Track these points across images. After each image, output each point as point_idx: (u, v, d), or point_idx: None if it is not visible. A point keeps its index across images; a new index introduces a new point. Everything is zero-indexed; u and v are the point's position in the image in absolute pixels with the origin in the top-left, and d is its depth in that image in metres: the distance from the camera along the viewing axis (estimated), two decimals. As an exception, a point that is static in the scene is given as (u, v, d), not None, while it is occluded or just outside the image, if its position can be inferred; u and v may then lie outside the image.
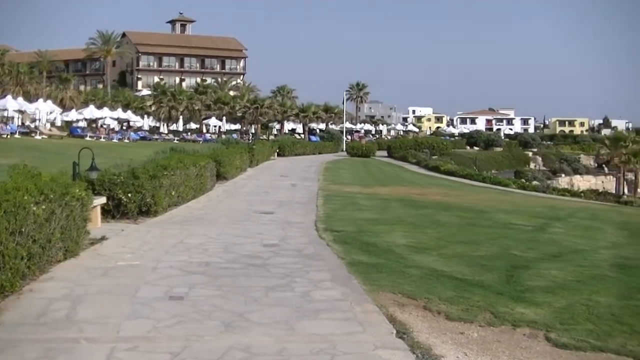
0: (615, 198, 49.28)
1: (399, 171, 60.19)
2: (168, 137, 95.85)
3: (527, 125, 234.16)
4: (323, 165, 57.84)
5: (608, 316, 11.92)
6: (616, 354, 10.01)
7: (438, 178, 53.99)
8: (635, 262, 18.12)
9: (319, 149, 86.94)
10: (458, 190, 42.01)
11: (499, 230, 22.98)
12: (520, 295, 12.96)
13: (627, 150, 60.62)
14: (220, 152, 36.99)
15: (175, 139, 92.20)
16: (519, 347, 10.01)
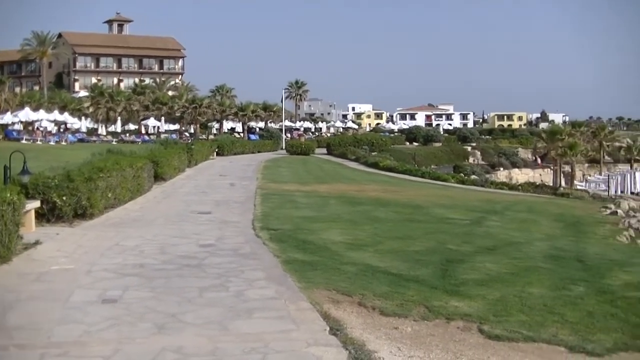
0: (552, 190, 49.83)
1: (338, 168, 60.32)
2: (106, 139, 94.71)
3: (466, 120, 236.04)
4: (262, 164, 57.74)
5: (540, 307, 12.10)
6: (547, 344, 10.15)
7: (377, 174, 54.18)
8: (569, 253, 18.40)
9: (258, 147, 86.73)
10: (397, 186, 42.21)
11: (436, 225, 23.16)
12: (455, 288, 13.08)
13: (563, 143, 61.45)
14: (158, 153, 36.67)
15: (113, 140, 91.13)
16: (452, 340, 10.10)
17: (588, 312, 11.89)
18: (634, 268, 16.50)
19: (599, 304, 12.53)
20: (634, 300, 12.98)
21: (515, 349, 9.90)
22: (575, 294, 13.27)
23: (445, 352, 9.54)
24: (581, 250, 19.35)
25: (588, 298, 12.96)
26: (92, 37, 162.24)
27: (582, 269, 16.05)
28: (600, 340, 10.43)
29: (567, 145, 60.45)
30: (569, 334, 10.63)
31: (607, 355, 9.87)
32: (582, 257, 17.73)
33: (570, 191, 49.55)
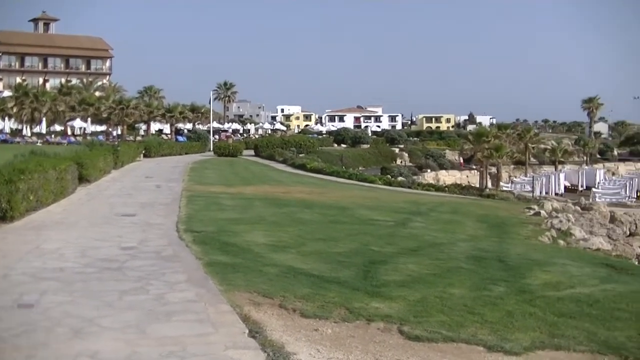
0: (478, 192, 50.31)
1: (266, 170, 60.21)
2: (31, 140, 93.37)
3: (394, 122, 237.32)
4: (189, 166, 57.35)
5: (461, 307, 12.22)
6: (467, 344, 10.25)
7: (304, 176, 54.21)
8: (491, 254, 18.61)
9: (185, 149, 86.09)
10: (323, 187, 42.26)
11: (360, 226, 23.25)
12: (376, 290, 13.14)
13: (489, 145, 62.10)
14: (83, 155, 36.14)
15: (38, 141, 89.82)
16: (372, 342, 10.13)
17: (507, 312, 12.04)
18: (554, 268, 16.75)
19: (518, 304, 12.70)
20: (552, 300, 13.19)
21: (435, 349, 9.96)
22: (495, 294, 13.43)
23: (365, 354, 9.56)
24: (503, 250, 19.57)
25: (508, 298, 13.13)
26: (16, 36, 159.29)
27: (503, 269, 16.23)
28: (519, 339, 10.56)
29: (493, 147, 61.15)
30: (488, 333, 10.75)
31: (525, 353, 10.00)
32: (504, 258, 17.93)
33: (496, 192, 50.09)
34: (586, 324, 11.59)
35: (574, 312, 12.27)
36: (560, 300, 13.13)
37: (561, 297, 13.41)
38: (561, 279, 15.36)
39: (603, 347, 10.40)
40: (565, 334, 10.90)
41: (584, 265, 17.89)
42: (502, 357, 9.82)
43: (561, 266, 17.16)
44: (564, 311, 12.31)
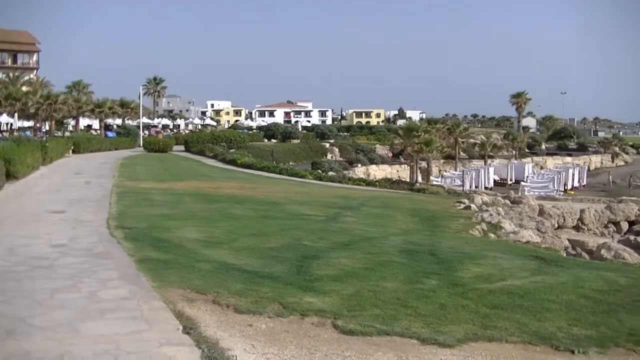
0: (408, 186, 50.53)
1: (196, 165, 59.81)
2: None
3: (325, 117, 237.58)
4: (119, 162, 56.78)
5: (394, 300, 12.29)
6: (400, 337, 10.31)
7: (235, 171, 53.98)
8: (423, 248, 18.72)
9: (115, 145, 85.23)
10: (254, 183, 42.15)
11: (292, 221, 23.25)
12: (309, 284, 13.15)
13: (419, 140, 62.36)
14: (10, 151, 35.55)
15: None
16: (306, 336, 10.13)
17: (440, 305, 12.14)
18: (485, 260, 16.91)
19: (450, 297, 12.81)
20: (484, 292, 13.32)
21: (369, 342, 10.00)
22: (428, 287, 13.53)
23: (299, 348, 9.56)
24: (435, 244, 19.71)
25: (440, 291, 13.24)
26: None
27: (435, 262, 16.35)
28: (452, 331, 10.66)
29: (423, 142, 61.38)
30: (421, 326, 10.83)
31: (458, 345, 10.09)
32: (436, 251, 18.06)
33: (427, 186, 50.32)
34: (518, 315, 11.74)
35: (506, 304, 12.42)
36: (492, 293, 13.27)
37: (493, 290, 13.55)
38: (492, 271, 15.52)
39: (534, 338, 10.55)
40: (498, 326, 11.03)
41: (514, 257, 18.10)
42: (435, 349, 9.90)
43: (492, 259, 17.34)
44: (496, 303, 12.45)
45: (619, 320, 11.89)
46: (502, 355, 9.87)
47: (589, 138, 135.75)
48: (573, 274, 15.86)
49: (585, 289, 14.11)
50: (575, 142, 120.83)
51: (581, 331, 11.11)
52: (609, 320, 11.82)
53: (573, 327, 11.28)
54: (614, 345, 10.55)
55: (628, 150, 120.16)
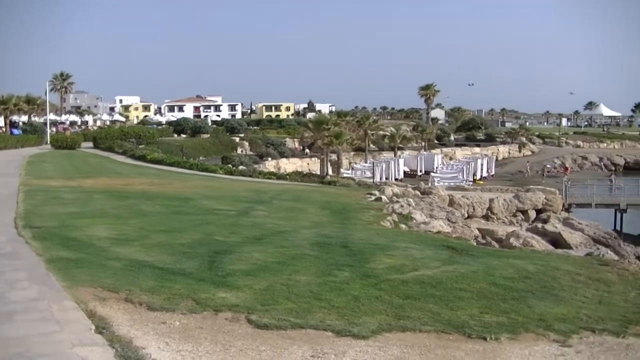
0: (319, 179, 50.62)
1: (105, 162, 58.97)
2: None
3: (234, 112, 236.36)
4: (26, 160, 55.58)
5: (307, 294, 12.32)
6: (315, 329, 10.35)
7: (145, 167, 53.40)
8: (335, 240, 18.79)
9: (21, 142, 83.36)
10: (164, 178, 41.76)
11: (203, 216, 23.13)
12: (222, 280, 13.10)
13: (329, 133, 62.45)
14: None
15: None
16: (221, 332, 10.09)
17: (353, 297, 12.21)
18: (397, 252, 17.04)
19: (363, 288, 12.89)
20: (396, 283, 13.44)
21: (284, 336, 10.01)
22: (341, 279, 13.59)
23: (214, 344, 9.52)
24: (347, 236, 19.80)
25: (353, 283, 13.31)
26: None
27: (347, 254, 16.43)
28: (366, 323, 10.73)
29: (333, 135, 61.47)
30: (335, 318, 10.88)
31: (372, 336, 10.17)
32: (348, 243, 18.15)
33: (337, 179, 50.48)
34: (430, 305, 11.88)
35: (419, 294, 12.55)
36: (405, 283, 13.40)
37: (405, 280, 13.68)
38: (404, 262, 15.66)
39: (447, 327, 10.70)
40: (411, 316, 11.15)
41: (425, 248, 18.29)
42: (350, 341, 9.95)
43: (404, 250, 17.49)
44: (409, 293, 12.58)
45: (528, 306, 12.14)
46: (416, 345, 9.97)
47: (496, 129, 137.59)
48: (483, 262, 16.09)
49: (495, 277, 14.35)
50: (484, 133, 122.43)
51: (492, 318, 11.31)
52: (519, 307, 12.06)
53: (485, 315, 11.47)
54: (524, 330, 10.77)
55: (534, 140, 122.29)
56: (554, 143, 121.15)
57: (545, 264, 16.38)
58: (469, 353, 9.81)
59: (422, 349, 9.84)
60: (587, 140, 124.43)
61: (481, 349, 9.97)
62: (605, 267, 16.35)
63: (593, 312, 11.96)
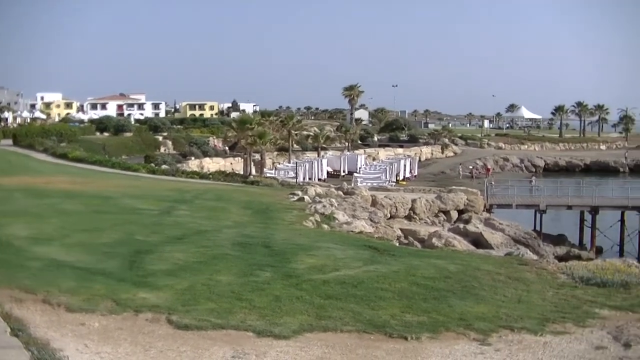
0: (242, 178, 50.47)
1: (26, 160, 57.97)
2: None
3: (158, 110, 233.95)
4: (-58, 158, 54.57)
5: (229, 294, 12.29)
6: (236, 330, 10.34)
7: (66, 166, 52.59)
8: (257, 240, 18.74)
9: None
10: (86, 177, 41.22)
11: (125, 216, 22.89)
12: (143, 280, 12.99)
13: (253, 132, 62.27)
14: None
15: None
16: (141, 333, 10.01)
17: (275, 297, 12.21)
18: (319, 252, 17.07)
19: (285, 288, 12.90)
20: (318, 282, 13.47)
21: (205, 337, 9.98)
22: (262, 279, 13.58)
23: (134, 346, 9.43)
24: (269, 236, 19.78)
25: (275, 283, 13.31)
26: None
27: (269, 254, 16.43)
28: (287, 323, 10.75)
29: (256, 134, 61.30)
30: (256, 319, 10.87)
31: (294, 336, 10.19)
32: (270, 243, 18.14)
33: (260, 179, 50.37)
34: (352, 304, 11.93)
35: (340, 294, 12.59)
36: (326, 283, 13.43)
37: (327, 280, 13.71)
38: (326, 262, 15.70)
39: (369, 326, 10.76)
40: (333, 316, 11.18)
41: (347, 248, 18.34)
42: (271, 341, 9.95)
43: (326, 250, 17.53)
44: (330, 293, 12.61)
45: (449, 305, 12.27)
46: (337, 345, 10.00)
47: (419, 130, 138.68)
48: (405, 262, 16.21)
49: (417, 276, 14.47)
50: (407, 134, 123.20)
51: (414, 318, 11.41)
52: (440, 306, 12.18)
53: (406, 314, 11.57)
54: (445, 330, 10.89)
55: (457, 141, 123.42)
56: (476, 144, 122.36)
57: (466, 263, 16.57)
58: (390, 352, 9.88)
59: (344, 349, 9.88)
60: (509, 142, 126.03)
61: (402, 349, 10.04)
62: (525, 267, 16.60)
63: (512, 311, 12.15)
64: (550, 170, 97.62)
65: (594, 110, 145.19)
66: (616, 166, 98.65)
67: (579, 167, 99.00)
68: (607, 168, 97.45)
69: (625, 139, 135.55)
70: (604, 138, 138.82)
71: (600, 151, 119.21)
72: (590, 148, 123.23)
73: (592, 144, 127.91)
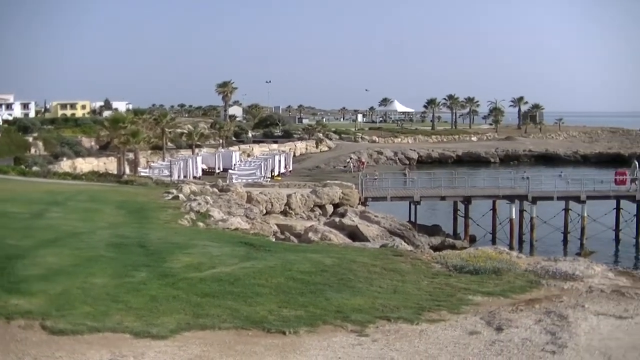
0: (116, 178, 49.83)
1: None
2: None
3: (27, 110, 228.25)
4: None
5: (104, 296, 12.14)
6: (113, 332, 10.24)
7: None
8: (132, 240, 18.57)
9: None
10: (-49, 181, 40.04)
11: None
12: (15, 286, 12.67)
13: (126, 131, 61.47)
14: None
15: None
16: (13, 341, 9.81)
17: (151, 297, 12.12)
18: (195, 250, 17.03)
19: (161, 288, 12.83)
20: (195, 281, 13.44)
21: (81, 341, 9.85)
22: (138, 280, 13.47)
23: (6, 355, 9.23)
24: (144, 236, 19.60)
25: (151, 283, 13.22)
26: None
27: (144, 254, 16.30)
28: (165, 323, 10.70)
29: (130, 133, 60.49)
30: (133, 320, 10.78)
31: (171, 336, 10.15)
32: (145, 243, 17.99)
33: (135, 178, 49.86)
34: (229, 301, 11.95)
35: (217, 292, 12.60)
36: (203, 281, 13.42)
37: (203, 278, 13.70)
38: (202, 260, 15.67)
39: (247, 323, 10.80)
40: (210, 314, 11.18)
41: (223, 245, 18.33)
42: (149, 342, 9.88)
43: (202, 247, 17.49)
44: (207, 291, 12.60)
45: (326, 299, 12.40)
46: (216, 342, 10.00)
47: (293, 125, 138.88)
48: (281, 257, 16.30)
49: (293, 271, 14.58)
50: (281, 130, 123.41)
51: (291, 312, 11.50)
52: (317, 300, 12.30)
53: (283, 309, 11.65)
54: (322, 323, 11.01)
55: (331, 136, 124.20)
56: (350, 139, 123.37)
57: (342, 257, 16.75)
58: (269, 348, 9.92)
59: (222, 347, 9.88)
60: (382, 135, 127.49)
61: (280, 343, 10.10)
62: (400, 258, 16.89)
63: (388, 302, 12.36)
64: (424, 163, 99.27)
65: (464, 103, 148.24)
66: (487, 157, 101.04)
67: (452, 158, 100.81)
68: (478, 159, 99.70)
69: (495, 130, 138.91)
70: (475, 130, 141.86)
71: (472, 142, 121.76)
72: (462, 140, 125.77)
73: (463, 136, 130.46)
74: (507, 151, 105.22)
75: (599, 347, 10.12)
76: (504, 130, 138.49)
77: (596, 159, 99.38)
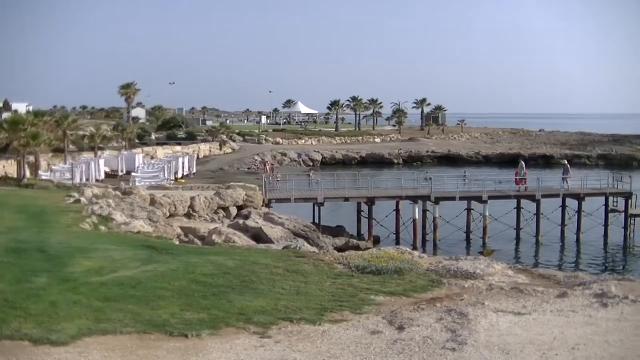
0: (16, 182, 48.85)
1: None
2: None
3: None
4: None
5: (1, 302, 11.94)
6: (11, 340, 10.06)
7: None
8: (31, 245, 18.25)
9: None
10: None
11: None
12: None
13: (25, 133, 60.34)
14: None
15: None
16: None
17: (51, 302, 11.96)
18: (96, 254, 16.85)
19: (61, 293, 12.66)
20: (96, 285, 13.31)
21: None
22: (37, 285, 13.26)
23: None
24: (44, 240, 19.26)
25: (51, 288, 13.03)
26: None
27: (44, 259, 16.05)
28: (65, 328, 10.57)
29: (29, 135, 59.34)
30: (32, 327, 10.62)
31: (72, 342, 10.04)
32: (45, 248, 17.69)
33: (35, 181, 48.92)
34: (131, 305, 11.86)
35: (118, 296, 12.50)
36: (104, 285, 13.30)
37: (104, 282, 13.57)
38: (104, 264, 15.52)
39: (149, 326, 10.74)
40: (111, 318, 11.09)
41: (125, 248, 18.17)
42: (49, 349, 9.75)
43: (103, 251, 17.31)
44: (109, 295, 12.49)
45: (229, 301, 12.42)
46: (117, 347, 9.93)
47: (197, 127, 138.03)
48: (183, 260, 16.25)
49: (195, 274, 14.55)
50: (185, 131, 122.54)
51: (194, 315, 11.49)
52: (220, 302, 12.31)
53: (185, 312, 11.63)
54: (225, 325, 11.03)
55: (235, 137, 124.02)
56: (254, 140, 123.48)
57: (244, 258, 16.78)
58: (171, 351, 9.90)
59: (124, 351, 9.82)
60: (286, 137, 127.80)
61: (183, 346, 10.09)
62: (302, 259, 17.00)
63: (291, 303, 12.44)
64: (328, 164, 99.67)
65: (368, 104, 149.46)
66: (390, 158, 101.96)
67: (355, 159, 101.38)
68: (382, 160, 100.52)
69: (399, 131, 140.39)
70: (378, 131, 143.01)
71: (375, 144, 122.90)
72: (366, 141, 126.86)
73: (367, 137, 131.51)
74: (410, 152, 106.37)
75: (497, 343, 10.36)
76: (407, 132, 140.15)
77: (497, 159, 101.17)
